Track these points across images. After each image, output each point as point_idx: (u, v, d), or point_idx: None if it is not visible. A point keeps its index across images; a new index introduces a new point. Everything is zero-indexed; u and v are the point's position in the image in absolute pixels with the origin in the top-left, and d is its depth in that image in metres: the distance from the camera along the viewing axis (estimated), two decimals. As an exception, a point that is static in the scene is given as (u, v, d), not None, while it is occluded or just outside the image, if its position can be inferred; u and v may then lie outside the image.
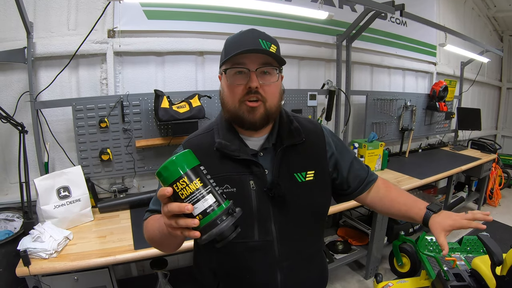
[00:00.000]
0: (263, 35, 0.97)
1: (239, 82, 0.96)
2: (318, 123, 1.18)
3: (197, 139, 1.09)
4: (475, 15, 5.39)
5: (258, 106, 0.96)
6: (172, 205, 0.73)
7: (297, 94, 3.09)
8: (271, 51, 0.95)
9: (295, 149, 1.05)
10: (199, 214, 0.73)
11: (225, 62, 0.96)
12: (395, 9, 2.64)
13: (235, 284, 1.08)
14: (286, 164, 1.03)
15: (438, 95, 4.14)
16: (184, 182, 0.72)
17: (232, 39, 1.00)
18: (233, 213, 0.77)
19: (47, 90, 2.19)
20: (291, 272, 1.05)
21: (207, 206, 0.73)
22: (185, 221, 0.72)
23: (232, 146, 1.01)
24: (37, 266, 1.57)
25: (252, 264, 1.03)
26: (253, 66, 0.94)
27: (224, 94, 1.02)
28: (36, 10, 2.13)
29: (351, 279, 3.03)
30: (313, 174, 1.05)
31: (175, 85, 2.63)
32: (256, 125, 0.99)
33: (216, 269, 1.09)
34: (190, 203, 0.72)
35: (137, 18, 2.37)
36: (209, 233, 0.73)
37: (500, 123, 6.54)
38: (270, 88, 0.97)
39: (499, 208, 4.75)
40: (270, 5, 2.19)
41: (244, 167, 1.00)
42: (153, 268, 2.10)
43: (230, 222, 0.75)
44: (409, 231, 3.21)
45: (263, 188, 0.99)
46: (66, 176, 2.03)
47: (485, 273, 1.88)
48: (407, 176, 3.13)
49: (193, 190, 0.73)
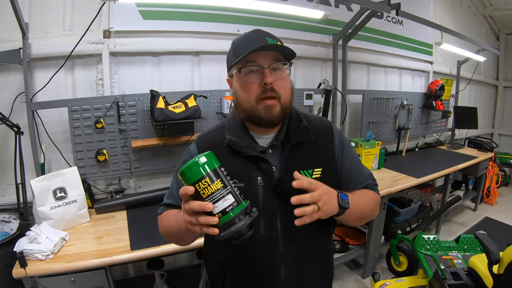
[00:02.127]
0: (269, 34, 1.00)
1: (253, 80, 0.98)
2: (328, 122, 1.19)
3: (209, 136, 1.12)
4: (472, 14, 5.41)
5: (275, 104, 0.99)
6: (193, 203, 0.77)
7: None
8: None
9: (303, 147, 1.07)
10: (219, 212, 0.78)
11: (237, 63, 0.99)
12: (391, 8, 2.64)
13: (240, 276, 1.11)
14: (293, 161, 1.04)
15: (435, 94, 4.15)
16: (206, 182, 0.77)
17: (240, 40, 1.03)
18: (251, 212, 0.81)
19: (43, 91, 2.19)
20: (295, 268, 1.07)
21: (227, 205, 0.78)
22: (206, 219, 0.77)
23: (242, 142, 1.04)
24: (34, 267, 1.56)
25: (257, 258, 1.05)
26: (266, 63, 0.97)
27: (238, 95, 1.04)
28: (31, 11, 2.12)
29: (348, 278, 3.03)
30: (320, 171, 1.07)
31: (171, 85, 2.63)
32: (274, 123, 1.02)
33: (223, 261, 1.13)
34: (211, 202, 0.77)
35: (133, 18, 2.37)
36: (227, 231, 0.78)
37: (497, 122, 6.57)
38: (283, 83, 1.00)
39: (496, 206, 4.77)
40: (266, 5, 2.19)
41: (252, 163, 1.03)
42: (150, 268, 2.10)
43: (248, 221, 0.80)
44: (406, 230, 3.21)
45: (270, 184, 1.01)
46: (63, 177, 2.03)
47: (482, 271, 1.89)
48: (404, 175, 3.14)
49: (214, 190, 0.77)
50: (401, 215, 3.19)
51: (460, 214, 4.50)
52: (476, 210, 4.61)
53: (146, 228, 1.95)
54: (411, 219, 3.30)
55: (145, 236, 1.84)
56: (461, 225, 4.17)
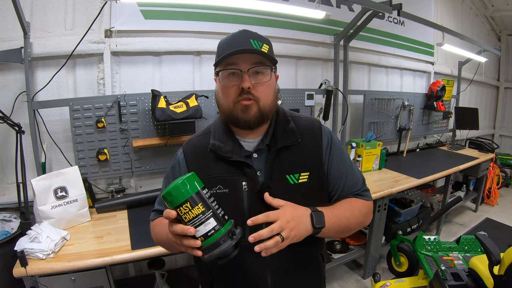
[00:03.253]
0: (255, 35, 0.98)
1: (232, 83, 0.96)
2: (317, 122, 1.13)
3: (195, 141, 1.11)
4: (473, 15, 5.40)
5: (251, 105, 0.96)
6: (176, 227, 0.79)
7: (294, 94, 3.09)
8: (263, 50, 0.95)
9: (290, 150, 1.04)
10: (201, 236, 0.79)
11: (218, 64, 0.97)
12: (392, 8, 2.64)
13: (227, 283, 1.10)
14: (279, 166, 1.02)
15: (436, 95, 4.15)
16: (187, 207, 0.77)
17: (224, 41, 1.00)
18: (233, 235, 0.82)
19: (44, 90, 2.19)
20: (282, 276, 1.05)
21: (208, 229, 0.79)
22: (188, 242, 0.79)
23: (226, 147, 1.02)
24: (34, 266, 1.56)
25: (243, 264, 1.03)
26: (245, 67, 0.94)
27: (218, 96, 1.03)
28: (33, 10, 2.12)
29: (349, 279, 3.03)
30: (307, 176, 1.04)
31: (172, 85, 2.63)
32: (250, 124, 0.98)
33: (211, 267, 1.11)
34: (193, 226, 0.78)
35: (134, 18, 2.37)
36: (210, 253, 0.79)
37: (498, 123, 6.56)
38: (263, 88, 0.97)
39: (497, 207, 4.77)
40: (267, 5, 2.19)
41: (237, 169, 1.01)
42: (150, 268, 2.10)
43: (230, 244, 0.81)
44: (407, 230, 3.22)
45: (255, 189, 0.99)
46: (63, 176, 2.03)
47: (483, 272, 1.89)
48: (405, 175, 3.13)
49: (196, 214, 0.78)
50: (402, 216, 3.19)
51: (460, 215, 4.50)
52: (476, 211, 4.60)
53: (146, 227, 1.91)
54: (412, 220, 3.30)
55: (145, 235, 1.82)
56: (462, 226, 4.17)
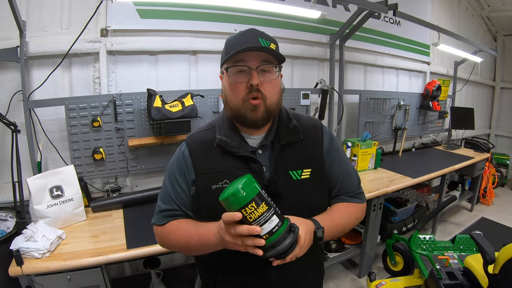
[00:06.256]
0: (263, 34, 1.01)
1: (240, 80, 0.99)
2: (319, 122, 1.18)
3: (200, 136, 1.11)
4: (469, 15, 5.43)
5: (259, 104, 0.98)
6: (241, 228, 0.80)
7: (290, 93, 3.09)
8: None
9: (293, 147, 1.07)
10: (266, 234, 0.80)
11: (226, 61, 0.99)
12: (388, 8, 2.65)
13: (231, 279, 1.11)
14: (282, 162, 1.05)
15: (432, 95, 4.17)
16: (253, 207, 0.79)
17: (233, 38, 1.03)
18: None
19: (40, 89, 2.18)
20: (286, 270, 1.05)
21: (273, 226, 0.80)
22: (253, 241, 0.80)
23: (233, 143, 1.04)
24: (30, 265, 1.56)
25: (247, 260, 1.03)
26: (254, 64, 0.97)
27: (226, 93, 1.04)
28: (29, 9, 2.12)
29: (344, 278, 3.04)
30: (309, 172, 1.07)
31: (168, 84, 2.63)
32: (258, 123, 1.01)
33: (215, 263, 1.12)
34: (258, 225, 0.79)
35: (130, 17, 2.36)
36: (275, 250, 0.81)
37: (494, 122, 6.59)
38: (270, 86, 1.00)
39: (493, 207, 4.80)
40: (263, 4, 2.20)
41: (243, 164, 1.03)
42: (146, 267, 2.10)
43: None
44: (402, 229, 3.23)
45: (261, 184, 1.00)
46: (59, 175, 2.03)
47: (478, 271, 1.90)
48: (400, 175, 3.14)
49: (261, 213, 0.79)
50: (397, 215, 3.20)
51: (456, 214, 4.52)
52: (472, 211, 4.63)
53: (142, 226, 1.95)
54: (407, 219, 3.32)
55: (141, 234, 1.84)
56: (457, 225, 4.19)
